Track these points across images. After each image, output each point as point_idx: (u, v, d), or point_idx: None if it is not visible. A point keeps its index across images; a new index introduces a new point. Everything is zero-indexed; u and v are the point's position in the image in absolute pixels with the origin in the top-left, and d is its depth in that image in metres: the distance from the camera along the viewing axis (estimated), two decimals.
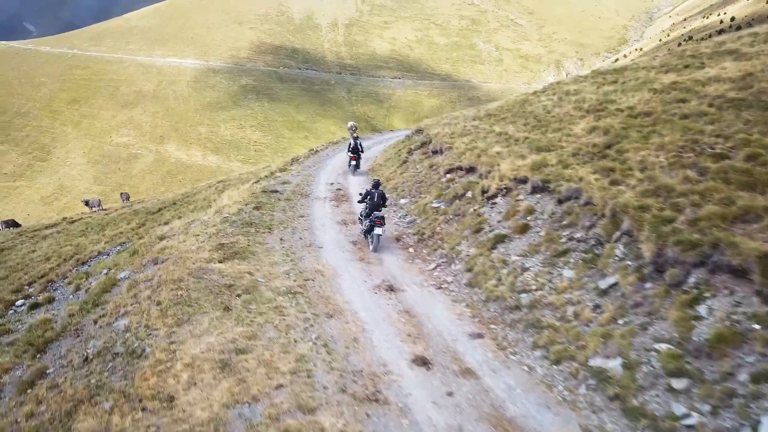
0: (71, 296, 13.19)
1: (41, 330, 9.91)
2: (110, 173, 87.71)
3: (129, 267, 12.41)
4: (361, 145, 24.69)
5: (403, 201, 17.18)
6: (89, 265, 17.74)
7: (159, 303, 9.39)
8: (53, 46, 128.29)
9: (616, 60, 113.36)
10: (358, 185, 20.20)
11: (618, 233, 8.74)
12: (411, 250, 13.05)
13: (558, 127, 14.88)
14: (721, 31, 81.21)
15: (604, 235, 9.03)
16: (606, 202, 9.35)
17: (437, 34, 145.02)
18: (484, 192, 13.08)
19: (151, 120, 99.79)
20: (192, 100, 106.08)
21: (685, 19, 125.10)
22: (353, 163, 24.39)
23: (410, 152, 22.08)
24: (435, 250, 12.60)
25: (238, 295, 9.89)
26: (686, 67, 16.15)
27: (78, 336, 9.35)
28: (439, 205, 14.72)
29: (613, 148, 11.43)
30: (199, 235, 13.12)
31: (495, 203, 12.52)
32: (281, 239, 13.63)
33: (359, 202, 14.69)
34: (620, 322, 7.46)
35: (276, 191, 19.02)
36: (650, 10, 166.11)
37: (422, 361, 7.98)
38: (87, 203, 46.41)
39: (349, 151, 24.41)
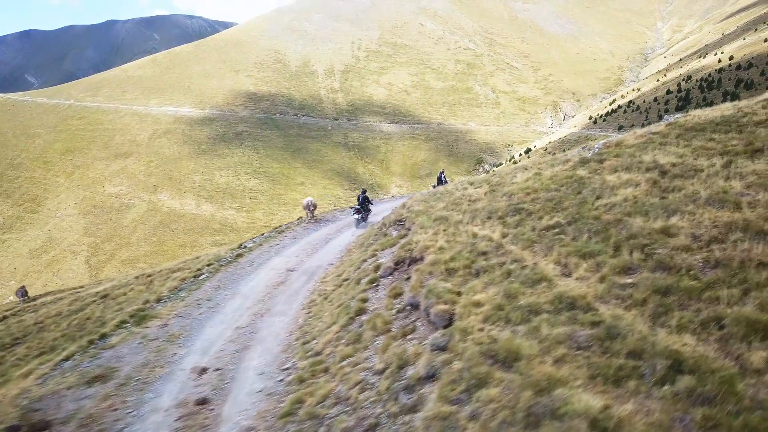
0: None
1: None
2: (101, 224, 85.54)
3: None
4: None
5: None
6: None
7: None
8: (50, 97, 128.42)
9: (614, 101, 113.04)
10: None
11: None
12: None
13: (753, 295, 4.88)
14: (721, 70, 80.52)
15: None
16: None
17: (433, 78, 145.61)
18: None
19: (145, 169, 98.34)
20: (187, 148, 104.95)
21: (680, 60, 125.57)
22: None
23: (374, 282, 11.15)
24: None
25: None
26: None
27: None
28: None
29: None
30: None
31: None
32: None
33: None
34: None
35: None
36: (645, 51, 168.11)
37: None
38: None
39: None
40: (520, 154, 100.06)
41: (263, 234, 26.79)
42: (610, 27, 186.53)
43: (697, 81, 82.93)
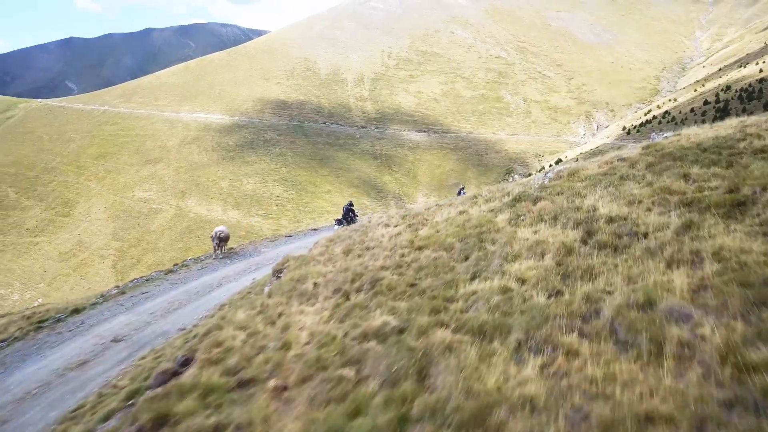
0: None
1: None
2: (129, 228, 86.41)
3: None
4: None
5: None
6: None
7: None
8: (85, 103, 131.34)
9: (649, 111, 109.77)
10: None
11: None
12: None
13: None
14: (762, 81, 77.16)
15: None
16: None
17: (463, 87, 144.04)
18: None
19: (174, 175, 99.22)
20: (215, 154, 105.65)
21: (720, 69, 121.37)
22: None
23: (131, 399, 8.05)
24: None
25: None
26: None
27: None
28: None
29: None
30: None
31: None
32: None
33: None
34: None
35: None
36: (682, 60, 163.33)
37: None
38: None
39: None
40: (551, 165, 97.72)
41: (151, 274, 21.57)
42: (647, 36, 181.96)
43: (736, 91, 79.60)
